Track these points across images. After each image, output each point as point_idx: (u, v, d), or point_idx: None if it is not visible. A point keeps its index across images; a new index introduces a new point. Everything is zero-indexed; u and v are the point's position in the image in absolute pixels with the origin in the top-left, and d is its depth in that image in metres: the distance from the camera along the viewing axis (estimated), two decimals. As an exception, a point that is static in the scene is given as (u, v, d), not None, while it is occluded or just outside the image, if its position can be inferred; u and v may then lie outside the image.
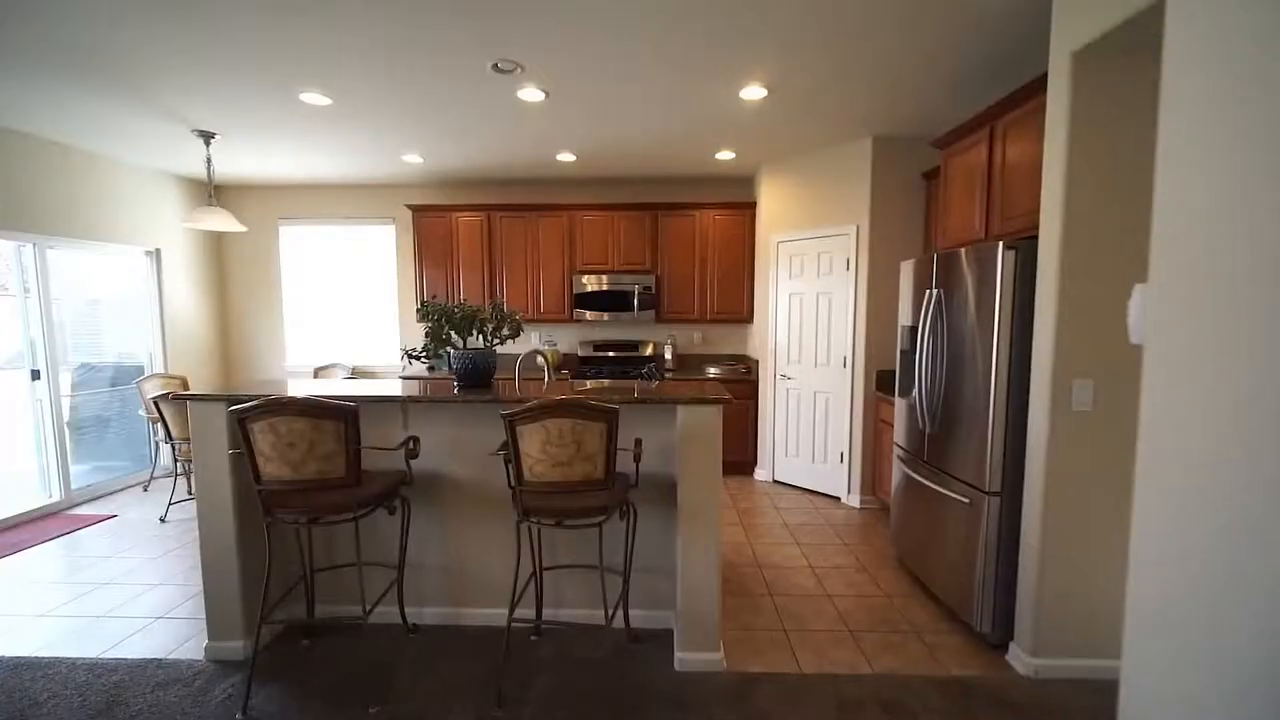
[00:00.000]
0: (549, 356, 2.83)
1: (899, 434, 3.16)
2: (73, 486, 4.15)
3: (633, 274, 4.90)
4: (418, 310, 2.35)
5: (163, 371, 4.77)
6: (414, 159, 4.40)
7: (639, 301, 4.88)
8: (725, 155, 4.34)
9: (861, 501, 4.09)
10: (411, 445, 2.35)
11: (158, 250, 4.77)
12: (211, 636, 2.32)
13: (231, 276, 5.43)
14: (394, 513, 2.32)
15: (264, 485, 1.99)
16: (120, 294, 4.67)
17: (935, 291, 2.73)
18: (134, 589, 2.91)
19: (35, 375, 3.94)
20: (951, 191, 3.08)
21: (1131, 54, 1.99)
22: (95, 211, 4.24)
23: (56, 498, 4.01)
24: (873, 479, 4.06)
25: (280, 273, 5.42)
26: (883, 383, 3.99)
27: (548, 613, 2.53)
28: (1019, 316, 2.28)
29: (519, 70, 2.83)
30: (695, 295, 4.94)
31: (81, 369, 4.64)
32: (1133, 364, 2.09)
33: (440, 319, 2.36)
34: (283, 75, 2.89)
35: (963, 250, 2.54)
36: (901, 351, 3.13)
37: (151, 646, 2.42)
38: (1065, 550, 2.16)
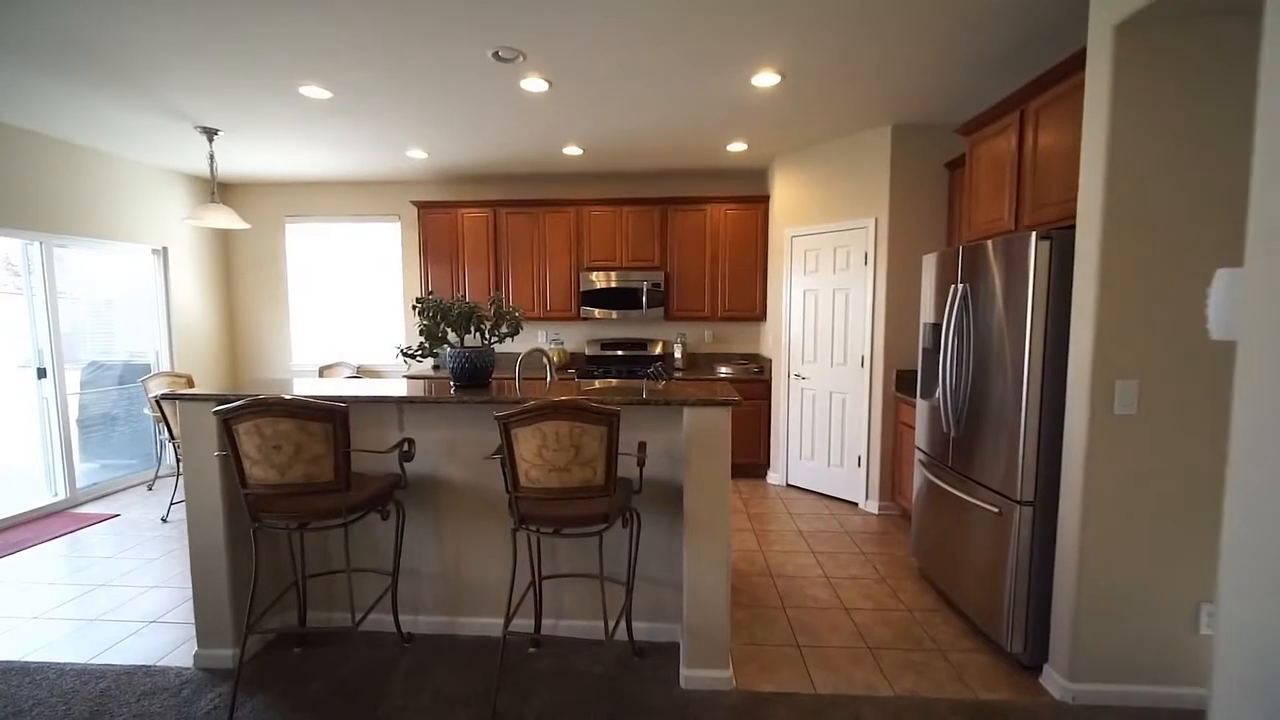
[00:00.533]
0: (551, 355, 2.70)
1: (920, 437, 2.99)
2: (78, 485, 4.13)
3: (641, 270, 4.77)
4: (413, 306, 2.25)
5: (169, 370, 4.75)
6: (418, 154, 4.32)
7: (648, 299, 4.75)
8: (737, 147, 4.19)
9: (880, 507, 3.92)
10: (406, 448, 2.25)
11: (165, 248, 4.76)
12: (201, 644, 2.25)
13: (238, 275, 5.41)
14: (387, 518, 2.22)
15: (250, 489, 1.90)
16: (129, 292, 4.67)
17: (961, 286, 2.57)
18: (130, 591, 2.86)
19: (41, 373, 3.93)
20: (978, 180, 2.90)
21: (1181, 22, 1.82)
22: (102, 209, 4.23)
23: (61, 496, 4.00)
24: (892, 484, 3.89)
25: (286, 271, 5.38)
26: (903, 383, 3.82)
27: (548, 623, 2.42)
28: (1054, 312, 2.11)
29: (520, 59, 2.72)
30: (706, 292, 4.80)
31: (90, 367, 4.65)
32: (1184, 363, 1.91)
33: (436, 315, 2.25)
34: (281, 68, 2.82)
35: (991, 242, 2.37)
36: (924, 350, 2.96)
37: (142, 652, 2.35)
38: (1107, 565, 1.99)
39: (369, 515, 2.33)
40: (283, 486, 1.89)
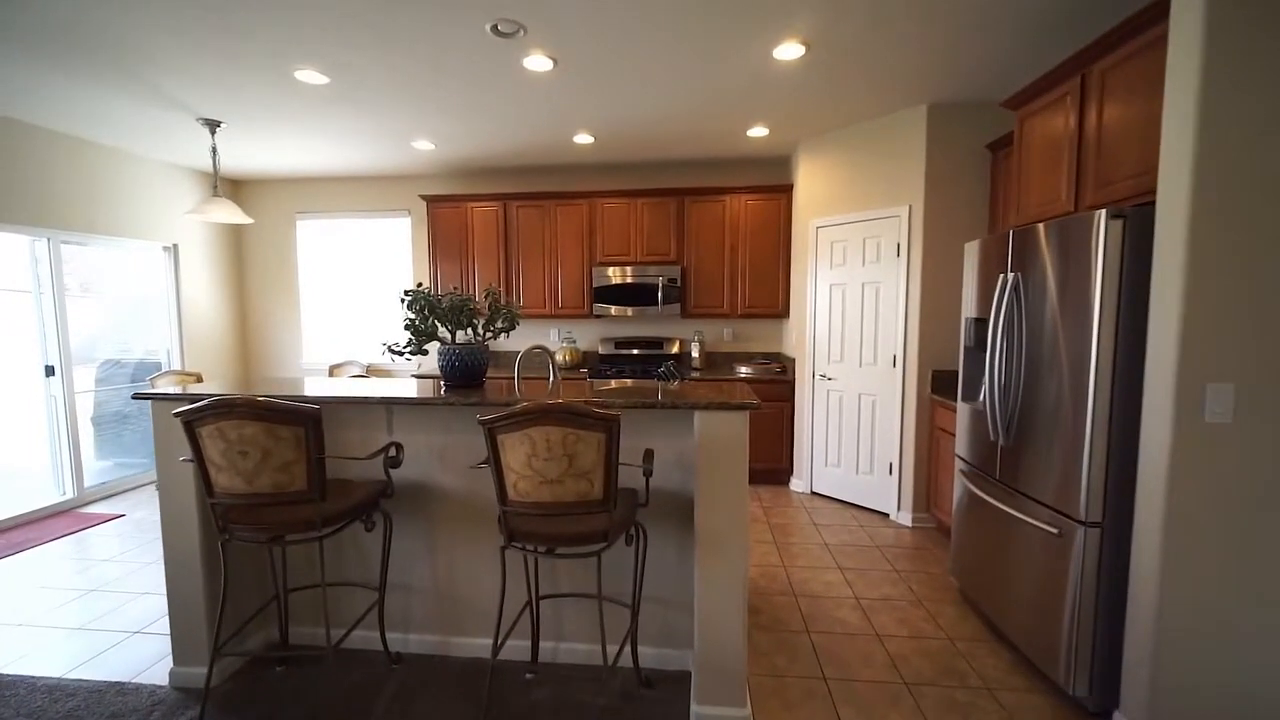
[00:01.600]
0: (554, 353, 2.50)
1: (962, 444, 2.70)
2: (86, 484, 4.10)
3: (657, 265, 4.55)
4: (401, 299, 2.06)
5: (179, 368, 4.71)
6: (425, 146, 4.17)
7: (664, 295, 4.52)
8: (758, 132, 3.93)
9: (914, 519, 3.61)
10: (394, 453, 2.07)
11: (175, 245, 4.72)
12: (176, 661, 2.10)
13: (249, 272, 5.36)
14: (372, 529, 2.05)
15: (216, 498, 1.74)
16: (143, 289, 4.64)
17: (1011, 276, 2.27)
18: (120, 598, 2.75)
19: (50, 371, 3.90)
20: (1029, 158, 2.60)
21: (1296, -47, 1.51)
22: (111, 206, 4.19)
23: (69, 495, 3.96)
24: (927, 494, 3.58)
25: (297, 268, 5.31)
26: (940, 384, 3.51)
27: (546, 647, 2.21)
28: (1127, 302, 1.81)
29: (521, 33, 2.52)
30: (725, 288, 4.54)
31: (106, 364, 4.64)
32: (1294, 363, 1.60)
33: (424, 309, 2.06)
34: (275, 52, 2.69)
35: (1043, 225, 2.08)
36: (965, 348, 2.67)
37: (120, 666, 2.22)
38: (1193, 599, 1.69)
39: (350, 526, 2.16)
40: (251, 496, 1.72)
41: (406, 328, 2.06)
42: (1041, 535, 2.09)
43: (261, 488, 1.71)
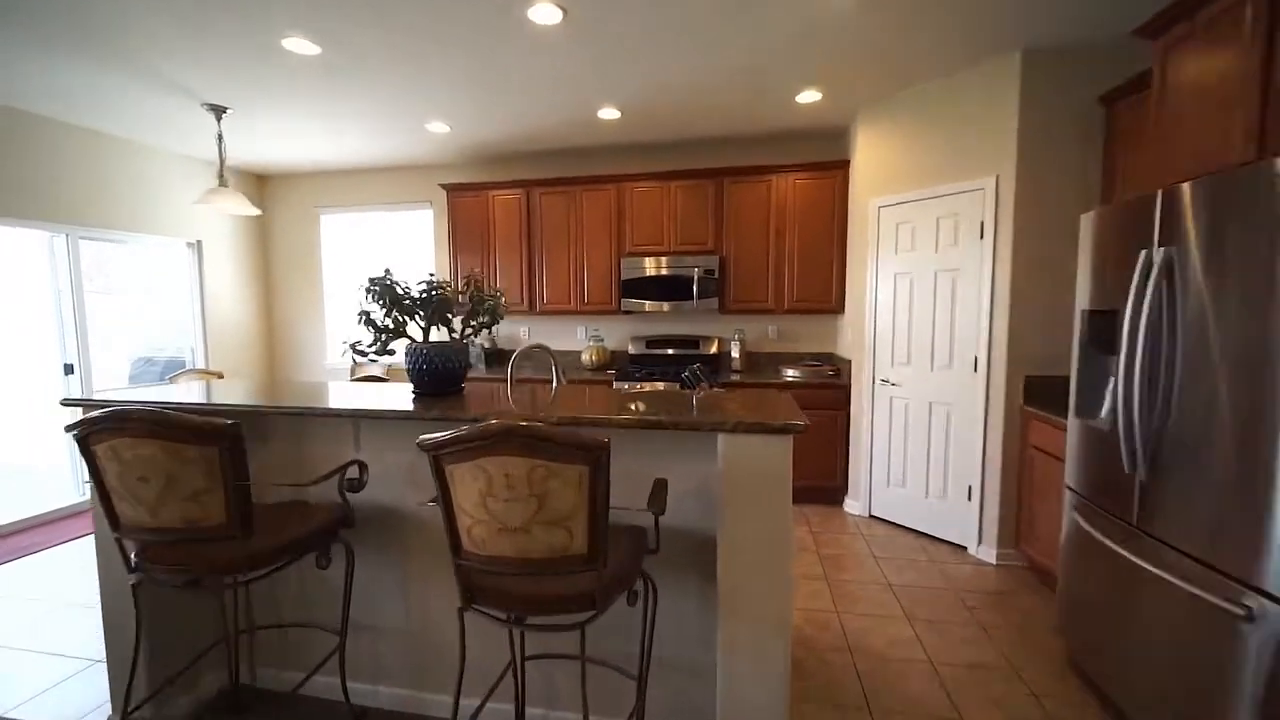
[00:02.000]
0: (554, 353, 2.06)
1: (1075, 473, 2.10)
2: (105, 484, 4.02)
3: (693, 255, 4.07)
4: (367, 290, 1.69)
5: (203, 366, 4.63)
6: (440, 128, 3.86)
7: (699, 288, 4.03)
8: (809, 97, 3.38)
9: (998, 556, 2.98)
10: (356, 474, 1.72)
11: (199, 242, 4.63)
12: (115, 707, 1.82)
13: (275, 268, 5.24)
14: (327, 566, 1.69)
15: (120, 533, 1.42)
16: (167, 286, 4.58)
17: (1159, 252, 1.68)
18: (99, 614, 2.54)
19: (69, 369, 3.83)
20: (1177, 99, 1.96)
21: None
22: (131, 202, 4.10)
23: (85, 496, 3.89)
24: (1016, 526, 2.95)
25: (321, 264, 5.16)
26: (1035, 393, 2.88)
27: (535, 714, 1.79)
28: (1374, 283, 1.21)
29: (521, -28, 2.12)
30: (769, 279, 4.01)
31: (139, 362, 4.63)
32: None
33: (386, 300, 1.69)
34: (258, 17, 2.40)
35: (1209, 181, 1.48)
36: (1081, 349, 2.06)
37: (72, 703, 1.97)
38: None
39: (295, 563, 1.81)
40: (158, 531, 1.39)
41: (361, 322, 1.69)
42: (1206, 608, 1.49)
43: (168, 522, 1.37)
